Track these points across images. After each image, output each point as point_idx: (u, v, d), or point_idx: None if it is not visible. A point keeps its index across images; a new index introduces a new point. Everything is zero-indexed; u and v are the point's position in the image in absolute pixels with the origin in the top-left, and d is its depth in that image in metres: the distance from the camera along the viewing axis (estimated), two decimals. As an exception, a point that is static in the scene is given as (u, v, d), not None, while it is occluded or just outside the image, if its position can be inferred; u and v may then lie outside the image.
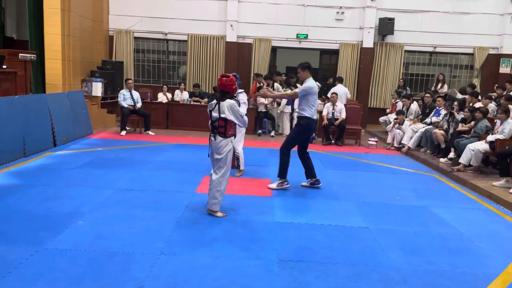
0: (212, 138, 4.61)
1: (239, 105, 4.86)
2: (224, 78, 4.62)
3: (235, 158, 6.40)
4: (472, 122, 7.74)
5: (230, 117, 4.52)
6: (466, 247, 4.20)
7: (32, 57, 8.39)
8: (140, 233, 4.07)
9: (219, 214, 4.66)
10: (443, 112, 8.97)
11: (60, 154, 7.46)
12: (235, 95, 4.94)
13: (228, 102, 4.53)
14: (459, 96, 10.31)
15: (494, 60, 12.86)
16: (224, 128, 4.55)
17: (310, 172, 6.11)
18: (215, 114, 4.56)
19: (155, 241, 3.90)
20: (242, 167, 6.58)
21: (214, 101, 4.63)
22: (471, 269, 3.68)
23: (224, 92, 4.59)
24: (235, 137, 4.82)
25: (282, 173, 5.92)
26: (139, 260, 3.51)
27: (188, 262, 3.54)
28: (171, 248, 3.77)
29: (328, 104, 10.17)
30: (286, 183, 5.93)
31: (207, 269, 3.43)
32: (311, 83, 5.77)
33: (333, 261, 3.70)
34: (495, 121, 7.51)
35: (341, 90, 10.93)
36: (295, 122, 11.19)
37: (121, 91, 10.21)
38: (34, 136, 7.31)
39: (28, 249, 3.59)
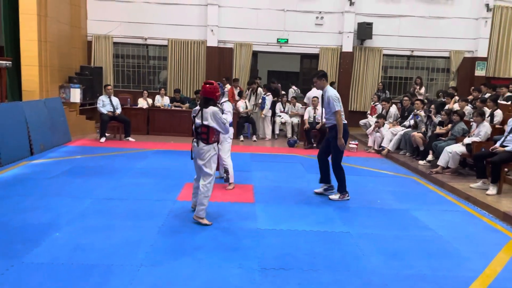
0: (195, 144, 4.60)
1: (222, 113, 4.86)
2: (208, 85, 4.61)
3: (224, 170, 6.11)
4: (450, 125, 7.88)
5: (213, 124, 4.51)
6: (445, 249, 4.26)
7: (7, 64, 8.20)
8: (119, 244, 4.00)
9: (205, 221, 4.62)
10: (422, 114, 9.13)
11: (37, 163, 7.30)
12: (219, 102, 4.95)
13: (212, 109, 4.51)
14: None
15: (469, 63, 13.16)
16: (206, 134, 4.54)
17: (326, 177, 6.04)
18: (198, 120, 4.55)
19: (135, 252, 3.84)
20: (231, 180, 6.13)
21: (198, 107, 4.62)
22: (451, 272, 3.74)
23: (207, 99, 4.58)
24: (218, 143, 4.80)
25: (343, 187, 5.81)
26: (119, 273, 3.44)
27: (169, 273, 3.49)
28: (151, 259, 3.72)
29: (310, 108, 10.24)
30: (347, 195, 5.85)
31: (188, 280, 3.39)
32: (333, 91, 5.69)
33: (314, 267, 3.70)
34: (471, 123, 7.67)
35: (312, 94, 10.90)
36: (277, 126, 11.33)
37: (100, 97, 10.06)
38: (10, 145, 7.14)
39: (3, 263, 3.49)
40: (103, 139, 9.66)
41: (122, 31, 12.56)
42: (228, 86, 11.20)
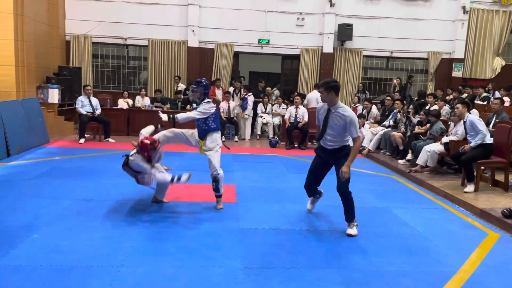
0: None
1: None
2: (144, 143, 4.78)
3: (216, 182, 5.19)
4: (428, 125, 8.03)
5: None
6: (424, 246, 4.34)
7: (-18, 64, 8.00)
8: (99, 245, 3.94)
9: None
10: (399, 115, 9.30)
11: (14, 164, 7.13)
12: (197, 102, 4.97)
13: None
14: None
15: (447, 64, 13.45)
16: None
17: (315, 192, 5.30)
18: None
19: (116, 253, 3.79)
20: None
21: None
22: (430, 268, 3.81)
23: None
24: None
25: (353, 214, 4.71)
26: (99, 274, 3.39)
27: (150, 273, 3.46)
28: (132, 260, 3.68)
29: (291, 108, 10.30)
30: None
31: (170, 280, 3.36)
32: (351, 111, 4.56)
33: (297, 265, 3.72)
34: (449, 123, 7.83)
35: (313, 96, 11.08)
36: (259, 127, 11.35)
37: (79, 98, 9.90)
38: (-15, 146, 6.96)
39: (-22, 267, 3.40)
40: (82, 140, 9.50)
41: (101, 30, 12.40)
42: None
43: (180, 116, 5.15)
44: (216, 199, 5.26)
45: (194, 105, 5.26)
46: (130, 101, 11.16)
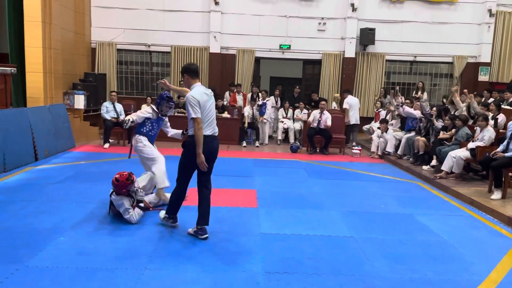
0: None
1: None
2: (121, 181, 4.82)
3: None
4: (453, 130, 7.87)
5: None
6: (449, 254, 4.24)
7: (12, 71, 8.27)
8: (123, 248, 4.00)
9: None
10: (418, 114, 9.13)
11: (42, 168, 7.33)
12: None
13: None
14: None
15: (472, 68, 13.15)
16: None
17: None
18: None
19: (139, 256, 3.85)
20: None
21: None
22: (455, 276, 3.72)
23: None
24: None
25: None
26: (123, 276, 3.45)
27: (173, 276, 3.49)
28: (155, 263, 3.72)
29: (316, 112, 10.16)
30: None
31: (193, 284, 3.39)
32: None
33: (319, 271, 3.69)
34: (475, 128, 7.66)
35: (354, 101, 11.14)
36: (280, 132, 11.35)
37: (104, 104, 10.12)
38: (15, 150, 7.17)
39: (8, 268, 3.50)
40: (107, 145, 9.69)
41: (125, 38, 12.65)
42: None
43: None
44: None
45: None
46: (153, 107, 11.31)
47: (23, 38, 9.33)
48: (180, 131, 5.57)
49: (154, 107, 5.55)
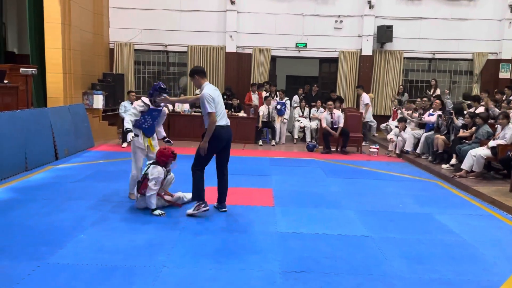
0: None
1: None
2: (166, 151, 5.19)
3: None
4: (473, 128, 7.73)
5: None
6: (470, 254, 4.17)
7: (33, 71, 8.44)
8: (142, 246, 4.05)
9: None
10: (436, 113, 9.00)
11: (62, 167, 7.47)
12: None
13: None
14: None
15: (493, 65, 12.88)
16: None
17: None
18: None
19: (157, 254, 3.89)
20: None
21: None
22: (476, 277, 3.65)
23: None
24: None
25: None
26: (142, 274, 3.49)
27: (191, 274, 3.52)
28: (173, 261, 3.76)
29: (326, 114, 10.10)
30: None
31: (210, 281, 3.41)
32: None
33: (336, 271, 3.67)
34: (496, 126, 7.50)
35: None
36: (296, 130, 11.32)
37: (122, 103, 10.24)
38: (36, 150, 7.33)
39: (30, 264, 3.58)
40: (125, 144, 9.79)
41: (143, 38, 12.78)
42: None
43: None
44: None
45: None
46: (170, 106, 11.41)
47: (43, 39, 9.53)
48: (164, 134, 5.92)
49: (145, 99, 5.54)
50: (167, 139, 5.82)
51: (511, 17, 12.53)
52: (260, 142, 10.92)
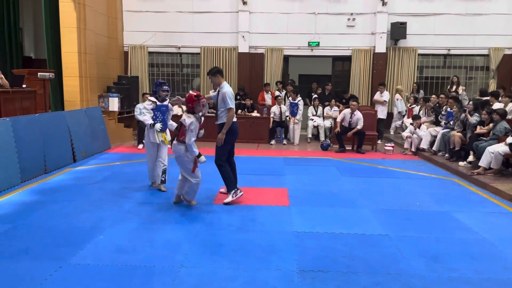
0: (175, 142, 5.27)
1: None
2: (189, 94, 5.22)
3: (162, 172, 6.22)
4: (491, 124, 7.62)
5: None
6: (489, 252, 4.12)
7: (50, 76, 8.59)
8: (160, 247, 4.11)
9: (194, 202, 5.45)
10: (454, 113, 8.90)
11: (80, 169, 7.60)
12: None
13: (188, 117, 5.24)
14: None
15: (510, 60, 12.64)
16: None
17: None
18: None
19: (176, 254, 3.94)
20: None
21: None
22: (497, 275, 3.61)
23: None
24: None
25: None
26: (161, 274, 3.54)
27: (209, 274, 3.55)
28: (191, 261, 3.80)
29: (347, 111, 9.98)
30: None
31: (228, 281, 3.44)
32: None
33: (354, 270, 3.67)
34: (514, 122, 7.39)
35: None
36: (310, 130, 11.29)
37: (138, 105, 10.32)
38: (54, 153, 7.47)
39: (52, 265, 3.66)
40: (140, 146, 9.91)
41: (156, 41, 12.90)
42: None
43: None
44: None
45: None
46: (185, 107, 11.49)
47: (59, 44, 9.70)
48: (176, 124, 6.10)
49: (151, 98, 6.12)
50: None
51: (527, 11, 12.30)
52: (273, 142, 10.93)
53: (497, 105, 8.58)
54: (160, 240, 4.26)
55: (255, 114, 11.19)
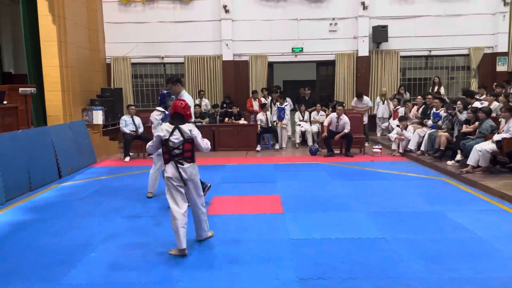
0: (181, 166, 4.12)
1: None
2: (179, 102, 4.26)
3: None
4: (476, 123, 7.71)
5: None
6: (486, 250, 4.12)
7: (32, 91, 8.40)
8: (154, 262, 3.99)
9: (210, 233, 4.59)
10: (442, 113, 9.00)
11: (66, 185, 7.41)
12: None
13: (189, 125, 4.24)
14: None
15: (490, 59, 12.90)
16: (191, 152, 4.21)
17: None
18: (175, 138, 4.12)
19: (171, 268, 3.83)
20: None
21: (166, 127, 4.17)
22: (496, 273, 3.60)
23: (179, 114, 4.21)
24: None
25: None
26: (157, 290, 3.44)
27: (208, 287, 3.46)
28: (188, 275, 3.70)
29: (333, 115, 9.97)
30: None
31: (227, 294, 3.35)
32: None
33: (354, 276, 3.62)
34: (499, 120, 7.49)
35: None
36: (297, 135, 11.28)
37: (123, 117, 10.21)
38: (39, 169, 7.27)
39: (43, 286, 3.53)
40: (127, 159, 9.76)
41: (139, 51, 12.77)
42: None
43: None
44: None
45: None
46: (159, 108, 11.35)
47: (40, 58, 9.50)
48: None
49: (159, 108, 6.09)
50: None
51: (504, 11, 12.56)
52: (258, 147, 10.86)
53: (477, 105, 8.67)
54: (154, 255, 4.15)
55: (242, 121, 11.13)
